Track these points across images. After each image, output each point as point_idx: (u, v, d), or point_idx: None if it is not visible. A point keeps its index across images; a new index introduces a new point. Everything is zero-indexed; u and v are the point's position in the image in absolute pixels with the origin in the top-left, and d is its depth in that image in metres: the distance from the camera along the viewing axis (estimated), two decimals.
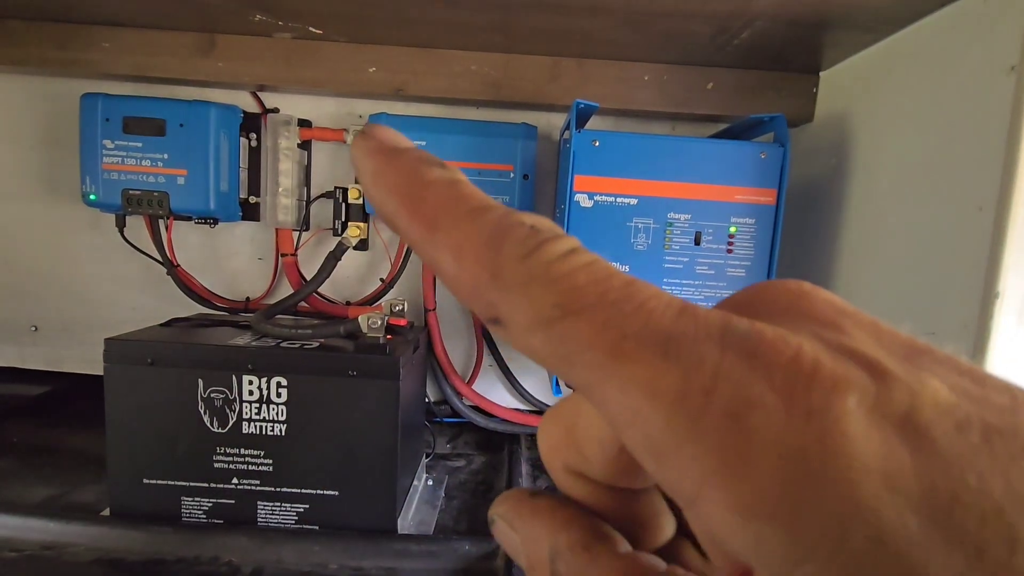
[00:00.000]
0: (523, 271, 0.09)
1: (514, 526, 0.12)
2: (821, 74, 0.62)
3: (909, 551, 0.07)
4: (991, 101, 0.39)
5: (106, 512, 0.49)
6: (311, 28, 0.60)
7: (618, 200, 0.52)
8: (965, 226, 0.40)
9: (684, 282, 0.53)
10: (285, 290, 0.71)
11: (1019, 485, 0.07)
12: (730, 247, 0.52)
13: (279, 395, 0.47)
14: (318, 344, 0.50)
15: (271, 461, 0.48)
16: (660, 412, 0.08)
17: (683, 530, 0.13)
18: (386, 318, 0.51)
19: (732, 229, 0.52)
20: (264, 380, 0.47)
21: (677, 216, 0.52)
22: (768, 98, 0.63)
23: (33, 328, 0.73)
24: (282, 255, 0.69)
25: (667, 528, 0.13)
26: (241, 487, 0.48)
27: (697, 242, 0.52)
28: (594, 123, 0.66)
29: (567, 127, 0.57)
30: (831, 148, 0.58)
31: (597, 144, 0.51)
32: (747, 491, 0.08)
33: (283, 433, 0.48)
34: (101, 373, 0.47)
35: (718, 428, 0.08)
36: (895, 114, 0.49)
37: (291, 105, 0.69)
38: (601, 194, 0.52)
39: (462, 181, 0.11)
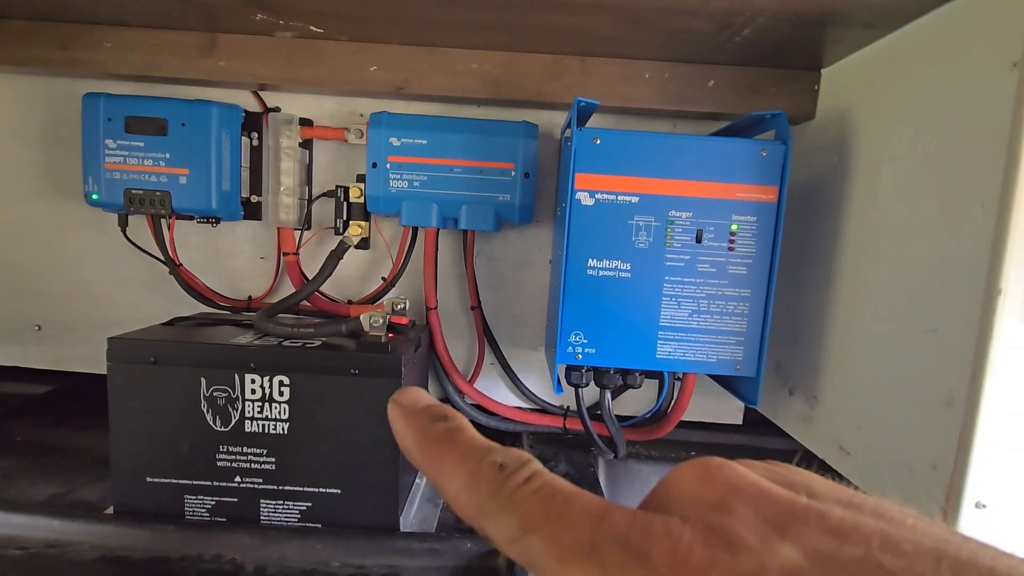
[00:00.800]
0: (494, 504, 0.14)
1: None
2: (823, 71, 0.62)
3: None
4: (993, 97, 0.39)
5: (110, 510, 0.49)
6: (312, 27, 0.60)
7: (619, 198, 0.52)
8: (967, 223, 0.40)
9: (686, 280, 0.53)
10: (287, 289, 0.71)
11: None
12: (732, 245, 0.52)
13: (281, 394, 0.48)
14: (320, 343, 0.50)
15: (274, 459, 0.48)
16: None
17: None
18: (388, 316, 0.51)
19: (734, 227, 0.52)
20: (266, 379, 0.47)
21: (678, 214, 0.52)
22: (769, 95, 0.63)
23: (36, 327, 0.73)
24: (284, 254, 0.69)
25: None
26: (244, 485, 0.48)
27: (699, 240, 0.52)
28: (595, 121, 0.66)
29: (568, 125, 0.57)
30: (833, 145, 0.58)
31: (598, 142, 0.51)
32: None
33: (285, 431, 0.48)
34: (104, 372, 0.47)
35: None
36: (897, 111, 0.49)
37: (292, 104, 0.69)
38: (602, 192, 0.52)
39: (459, 428, 0.15)
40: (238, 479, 0.48)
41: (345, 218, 0.69)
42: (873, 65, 0.53)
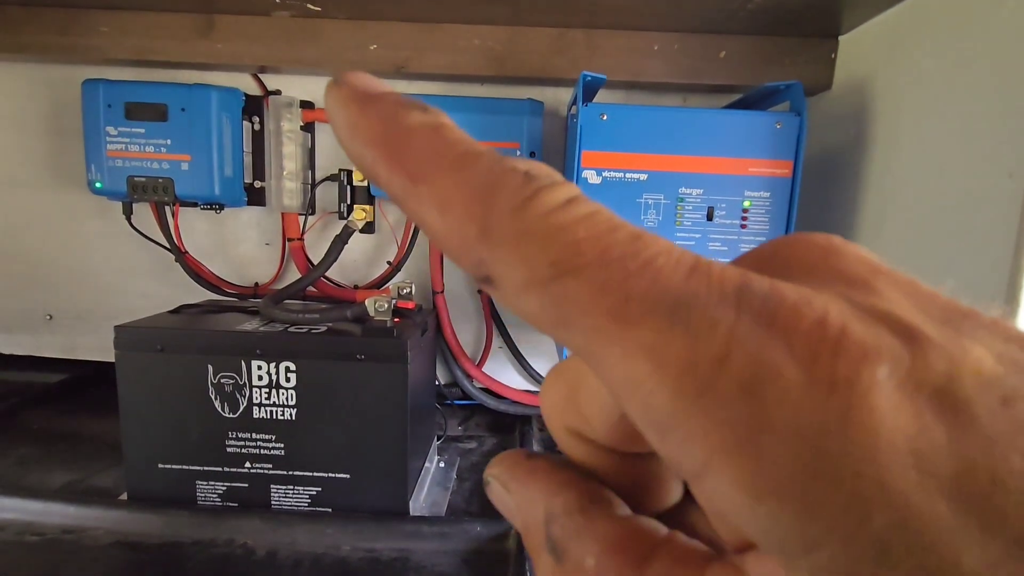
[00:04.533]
0: (516, 225, 0.08)
1: (509, 488, 0.11)
2: (840, 38, 0.59)
3: (938, 538, 0.06)
4: (1023, 59, 0.36)
5: (124, 496, 0.49)
6: (309, 5, 0.58)
7: (627, 176, 0.50)
8: (994, 193, 0.38)
9: None
10: (293, 275, 0.71)
11: None
12: (744, 222, 0.51)
13: (288, 380, 0.47)
14: (326, 328, 0.50)
15: (283, 445, 0.48)
16: (665, 382, 0.07)
17: (691, 494, 0.12)
18: (393, 301, 0.51)
19: (746, 203, 0.51)
20: (273, 365, 0.47)
21: (689, 191, 0.50)
22: (784, 65, 0.60)
23: (48, 317, 0.74)
24: (288, 240, 0.69)
25: (673, 492, 0.12)
26: (254, 471, 0.49)
27: (710, 217, 0.51)
28: (602, 96, 0.64)
29: (574, 101, 0.55)
30: (850, 116, 0.55)
31: (605, 118, 0.50)
32: (758, 469, 0.07)
33: (293, 417, 0.48)
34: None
35: (729, 401, 0.07)
36: (919, 77, 0.47)
37: (293, 86, 0.68)
38: (610, 170, 0.50)
39: (446, 125, 0.10)
40: (248, 465, 0.49)
41: (349, 202, 0.68)
42: (894, 30, 0.51)
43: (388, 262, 0.70)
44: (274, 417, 0.48)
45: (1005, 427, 0.07)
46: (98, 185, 0.63)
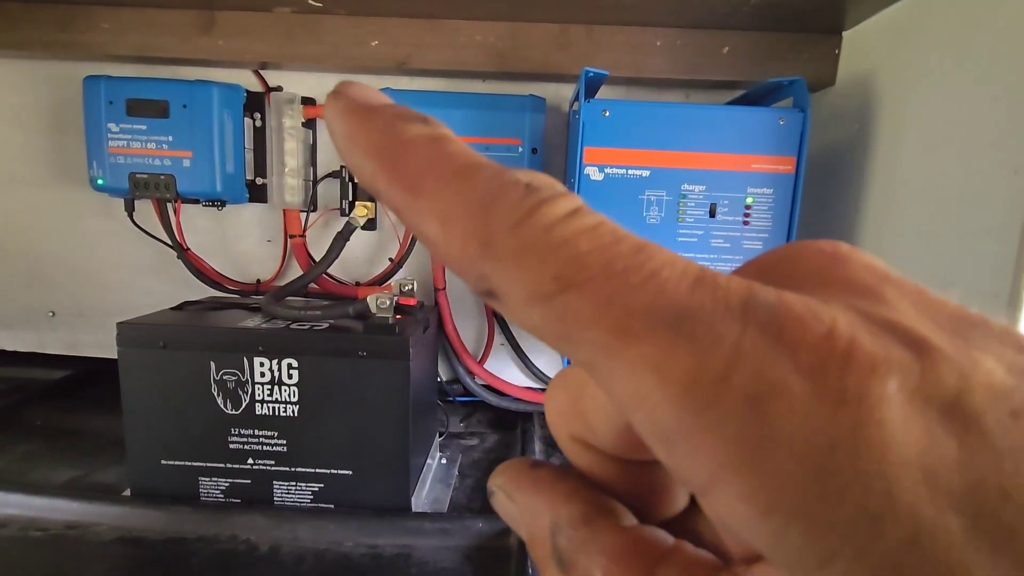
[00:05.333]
0: (517, 239, 0.08)
1: (514, 498, 0.11)
2: (844, 34, 0.59)
3: (948, 554, 0.06)
4: None
5: (127, 492, 0.50)
6: (311, 1, 0.58)
7: (630, 172, 0.50)
8: (999, 190, 0.38)
9: (699, 256, 0.51)
10: (295, 272, 0.71)
11: None
12: (747, 219, 0.51)
13: (290, 376, 0.47)
14: (327, 325, 0.50)
15: (285, 441, 0.48)
16: (670, 397, 0.07)
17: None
18: (395, 298, 0.51)
19: (749, 200, 0.50)
20: (275, 362, 0.47)
21: (691, 187, 0.50)
22: (787, 61, 0.60)
23: (50, 314, 0.74)
24: (290, 236, 0.69)
25: (679, 499, 0.12)
26: (257, 467, 0.49)
27: (712, 214, 0.51)
28: (604, 92, 0.64)
29: (576, 97, 0.55)
30: (854, 112, 0.55)
31: (607, 114, 0.50)
32: (766, 485, 0.07)
33: (296, 414, 0.48)
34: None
35: (735, 416, 0.07)
36: (924, 73, 0.46)
37: (294, 82, 0.67)
38: (612, 166, 0.50)
39: (447, 137, 0.10)
40: (251, 461, 0.49)
41: (351, 199, 0.68)
42: (898, 25, 0.50)
43: (390, 259, 0.70)
44: (276, 414, 0.48)
45: (1015, 441, 0.07)
46: (100, 182, 0.63)
